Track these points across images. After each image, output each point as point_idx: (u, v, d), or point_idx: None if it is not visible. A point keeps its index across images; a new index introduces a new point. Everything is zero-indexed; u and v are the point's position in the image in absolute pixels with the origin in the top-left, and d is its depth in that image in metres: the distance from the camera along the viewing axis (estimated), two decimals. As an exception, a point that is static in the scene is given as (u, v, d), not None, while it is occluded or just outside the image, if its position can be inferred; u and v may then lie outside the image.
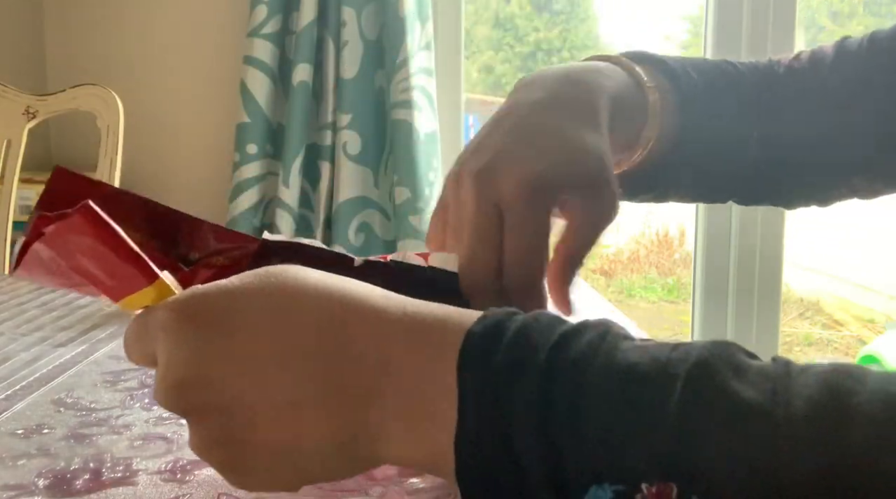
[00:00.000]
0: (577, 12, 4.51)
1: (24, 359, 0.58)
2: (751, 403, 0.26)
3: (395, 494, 0.37)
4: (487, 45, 4.26)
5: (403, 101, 1.62)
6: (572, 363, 0.29)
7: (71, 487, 0.38)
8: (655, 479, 0.26)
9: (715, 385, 0.27)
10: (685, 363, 0.27)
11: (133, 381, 0.53)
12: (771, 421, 0.25)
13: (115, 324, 0.67)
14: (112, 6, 1.78)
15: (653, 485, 0.26)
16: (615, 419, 0.27)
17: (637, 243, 4.35)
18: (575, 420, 0.27)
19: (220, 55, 1.77)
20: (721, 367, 0.27)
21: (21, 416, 0.47)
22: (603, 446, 0.27)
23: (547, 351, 0.29)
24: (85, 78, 1.43)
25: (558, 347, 0.29)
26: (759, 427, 0.25)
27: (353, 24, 1.62)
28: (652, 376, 0.27)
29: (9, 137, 1.21)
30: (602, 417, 0.27)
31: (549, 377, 0.28)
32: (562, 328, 0.30)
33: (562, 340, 0.29)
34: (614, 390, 0.28)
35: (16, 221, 1.25)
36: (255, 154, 1.65)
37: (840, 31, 3.06)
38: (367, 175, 1.68)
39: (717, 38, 1.79)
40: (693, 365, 0.27)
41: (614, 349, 0.29)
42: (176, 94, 1.80)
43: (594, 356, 0.29)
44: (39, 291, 0.79)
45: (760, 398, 0.26)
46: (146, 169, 1.79)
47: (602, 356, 0.29)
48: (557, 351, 0.29)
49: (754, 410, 0.26)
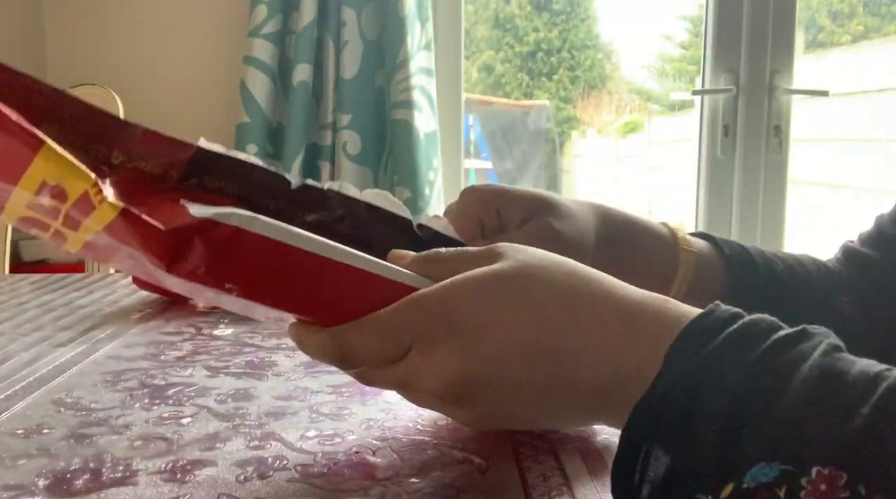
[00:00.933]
0: (577, 12, 4.51)
1: (24, 359, 0.58)
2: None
3: (395, 494, 0.37)
4: (487, 45, 4.26)
5: (403, 101, 1.62)
6: (780, 363, 0.30)
7: (71, 487, 0.38)
8: (828, 465, 0.27)
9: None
10: (891, 377, 0.28)
11: (133, 381, 0.53)
12: None
13: (115, 324, 0.67)
14: (112, 6, 1.78)
15: (825, 468, 0.27)
16: (807, 408, 0.28)
17: (637, 243, 4.34)
18: (769, 402, 0.29)
19: (220, 55, 1.77)
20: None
21: (21, 416, 0.47)
22: (786, 426, 0.28)
23: (759, 351, 0.30)
24: (85, 78, 1.43)
25: (772, 350, 0.31)
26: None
27: (353, 24, 1.62)
28: (854, 380, 0.29)
29: (9, 137, 1.21)
30: (796, 405, 0.28)
31: (752, 373, 0.30)
32: (781, 332, 0.32)
33: (778, 344, 0.31)
34: (815, 387, 0.29)
35: (16, 221, 1.25)
36: (255, 154, 1.65)
37: (840, 31, 3.06)
38: (367, 175, 1.68)
39: (717, 38, 1.79)
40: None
41: (825, 356, 0.30)
42: (176, 94, 1.80)
43: (804, 361, 0.30)
44: (39, 291, 0.79)
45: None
46: (146, 169, 1.79)
47: (811, 361, 0.30)
48: (771, 353, 0.30)
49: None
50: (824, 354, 0.30)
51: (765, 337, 0.31)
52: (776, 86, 1.78)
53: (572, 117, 4.76)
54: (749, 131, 1.80)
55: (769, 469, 0.27)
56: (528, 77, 4.56)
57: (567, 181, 4.93)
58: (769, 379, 0.29)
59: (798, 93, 1.80)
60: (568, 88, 4.60)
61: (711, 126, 1.82)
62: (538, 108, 4.61)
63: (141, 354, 0.59)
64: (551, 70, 4.52)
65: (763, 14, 1.76)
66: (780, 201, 1.80)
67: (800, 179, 2.33)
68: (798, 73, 1.79)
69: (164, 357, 0.58)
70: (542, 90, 4.59)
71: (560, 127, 4.77)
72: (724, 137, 1.81)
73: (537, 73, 4.53)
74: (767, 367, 0.30)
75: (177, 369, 0.56)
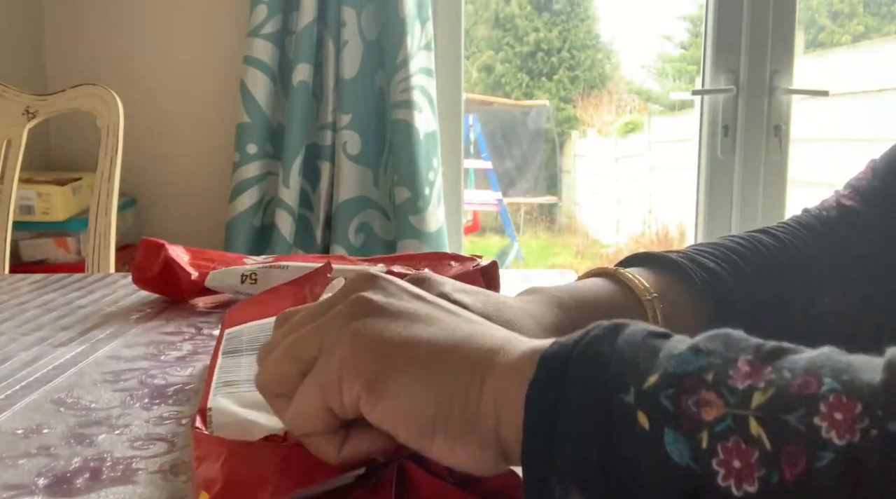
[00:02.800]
0: (577, 12, 4.51)
1: (24, 359, 0.58)
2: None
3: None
4: (487, 45, 4.26)
5: (403, 101, 1.62)
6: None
7: (71, 487, 0.38)
8: (751, 353, 0.27)
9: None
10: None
11: (133, 381, 0.53)
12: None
13: (115, 324, 0.67)
14: (112, 6, 1.78)
15: (749, 356, 0.27)
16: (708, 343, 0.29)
17: (637, 243, 4.35)
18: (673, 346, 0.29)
19: (220, 55, 1.77)
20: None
21: (21, 416, 0.47)
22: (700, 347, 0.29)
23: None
24: (85, 78, 1.43)
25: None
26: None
27: (353, 24, 1.62)
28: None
29: (9, 137, 1.21)
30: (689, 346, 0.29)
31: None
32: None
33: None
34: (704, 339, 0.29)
35: (16, 221, 1.25)
36: (255, 154, 1.65)
37: (840, 31, 3.06)
38: (367, 175, 1.68)
39: (717, 38, 1.79)
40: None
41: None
42: (176, 94, 1.80)
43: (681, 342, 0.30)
44: (39, 291, 0.79)
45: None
46: (146, 169, 1.79)
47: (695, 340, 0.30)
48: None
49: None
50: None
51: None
52: (776, 86, 1.78)
53: (572, 117, 4.76)
54: (749, 131, 1.80)
55: (695, 359, 0.28)
56: (528, 77, 4.56)
57: (567, 181, 4.93)
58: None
59: (798, 93, 1.80)
60: (568, 88, 4.60)
61: (711, 126, 1.82)
62: (538, 108, 4.61)
63: (141, 354, 0.59)
64: (551, 70, 4.52)
65: (763, 14, 1.76)
66: (780, 201, 1.80)
67: (800, 179, 2.33)
68: (798, 73, 1.79)
69: (164, 357, 0.58)
70: (542, 90, 4.59)
71: (560, 127, 4.77)
72: (724, 137, 1.81)
73: (537, 73, 4.53)
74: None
75: (177, 369, 0.56)
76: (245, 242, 1.65)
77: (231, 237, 1.65)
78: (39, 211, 1.57)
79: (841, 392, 0.25)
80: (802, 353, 0.27)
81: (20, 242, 1.59)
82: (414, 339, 0.33)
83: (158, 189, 1.81)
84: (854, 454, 0.24)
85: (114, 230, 1.18)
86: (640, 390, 0.28)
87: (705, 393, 0.26)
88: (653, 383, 0.27)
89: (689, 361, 0.28)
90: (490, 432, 0.31)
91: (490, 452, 0.31)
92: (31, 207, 1.56)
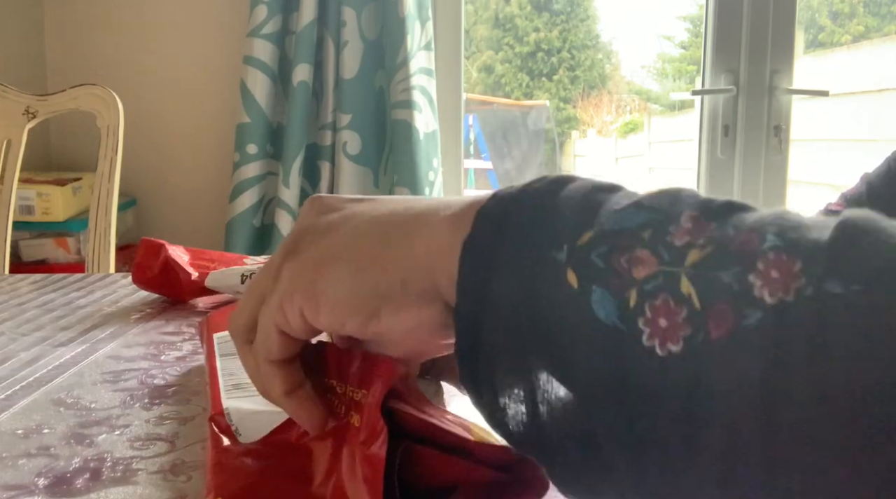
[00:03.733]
0: (577, 12, 4.51)
1: (24, 359, 0.58)
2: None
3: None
4: (487, 45, 4.26)
5: (403, 101, 1.62)
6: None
7: (71, 487, 0.38)
8: (695, 209, 0.26)
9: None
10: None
11: (133, 381, 0.53)
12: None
13: (115, 324, 0.67)
14: (112, 6, 1.78)
15: (694, 211, 0.26)
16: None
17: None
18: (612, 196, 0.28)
19: (220, 55, 1.77)
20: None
21: (21, 416, 0.47)
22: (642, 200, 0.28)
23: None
24: (85, 78, 1.43)
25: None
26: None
27: (353, 24, 1.62)
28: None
29: (9, 137, 1.21)
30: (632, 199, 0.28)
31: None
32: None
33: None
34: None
35: (15, 221, 1.25)
36: (255, 154, 1.66)
37: (840, 31, 3.06)
38: (367, 175, 1.68)
39: (717, 38, 1.79)
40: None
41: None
42: (176, 94, 1.80)
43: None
44: (39, 291, 0.79)
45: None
46: (146, 169, 1.79)
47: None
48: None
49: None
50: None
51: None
52: (776, 86, 1.78)
53: (572, 117, 4.76)
54: (749, 131, 1.80)
55: (636, 215, 0.26)
56: (528, 77, 4.56)
57: (567, 181, 4.92)
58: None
59: (798, 93, 1.80)
60: (568, 88, 4.60)
61: (711, 126, 1.82)
62: (538, 108, 4.61)
63: (141, 354, 0.59)
64: (551, 70, 4.52)
65: (763, 14, 1.76)
66: (780, 201, 1.81)
67: (800, 179, 2.33)
68: (798, 73, 1.80)
69: (164, 357, 0.58)
70: (542, 90, 4.59)
71: (560, 127, 4.77)
72: (724, 137, 1.81)
73: (537, 73, 4.53)
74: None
75: (177, 369, 0.56)
76: (245, 242, 1.65)
77: (231, 237, 1.65)
78: (39, 211, 1.57)
79: (782, 250, 0.23)
80: (755, 211, 0.26)
81: (20, 242, 1.59)
82: (343, 235, 0.34)
83: (158, 189, 1.81)
84: (784, 314, 0.22)
85: (114, 230, 1.18)
86: (573, 247, 0.27)
87: (640, 251, 0.25)
88: (586, 241, 0.26)
89: (628, 218, 0.26)
90: (431, 288, 0.31)
91: (435, 308, 0.31)
92: (31, 207, 1.56)
